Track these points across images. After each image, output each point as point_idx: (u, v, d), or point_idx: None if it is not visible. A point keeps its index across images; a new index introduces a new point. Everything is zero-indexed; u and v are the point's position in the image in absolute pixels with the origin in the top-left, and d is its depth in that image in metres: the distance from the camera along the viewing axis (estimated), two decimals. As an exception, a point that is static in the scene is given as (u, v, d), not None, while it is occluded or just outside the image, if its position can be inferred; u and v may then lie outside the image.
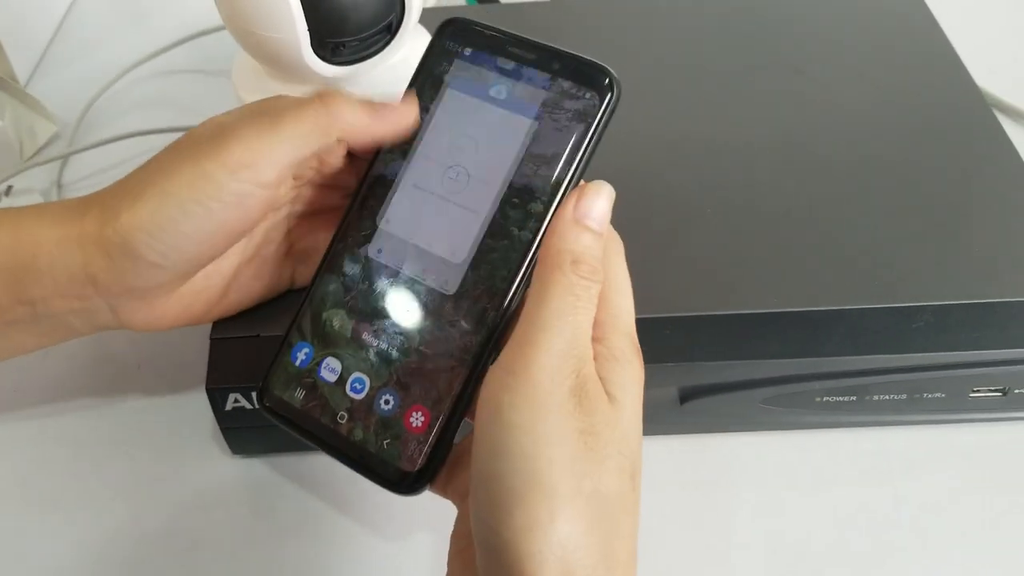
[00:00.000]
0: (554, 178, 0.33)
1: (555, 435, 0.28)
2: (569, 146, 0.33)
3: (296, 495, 0.42)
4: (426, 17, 0.46)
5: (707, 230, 0.43)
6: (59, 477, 0.43)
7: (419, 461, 0.32)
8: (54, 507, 0.42)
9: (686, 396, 0.40)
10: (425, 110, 0.35)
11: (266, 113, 0.34)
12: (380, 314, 0.34)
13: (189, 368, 0.45)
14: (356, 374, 0.34)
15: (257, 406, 0.35)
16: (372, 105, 0.35)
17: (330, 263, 0.35)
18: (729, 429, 0.43)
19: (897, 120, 0.48)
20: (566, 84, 0.34)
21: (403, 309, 0.34)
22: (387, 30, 0.43)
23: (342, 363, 0.34)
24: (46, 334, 0.37)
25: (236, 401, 0.39)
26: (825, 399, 0.40)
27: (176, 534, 0.41)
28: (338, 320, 0.34)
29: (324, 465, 0.43)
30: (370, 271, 0.34)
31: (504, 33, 0.35)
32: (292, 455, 0.43)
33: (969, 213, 0.43)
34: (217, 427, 0.41)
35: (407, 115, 0.35)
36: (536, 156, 0.33)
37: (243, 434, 0.41)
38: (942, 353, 0.39)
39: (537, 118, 0.34)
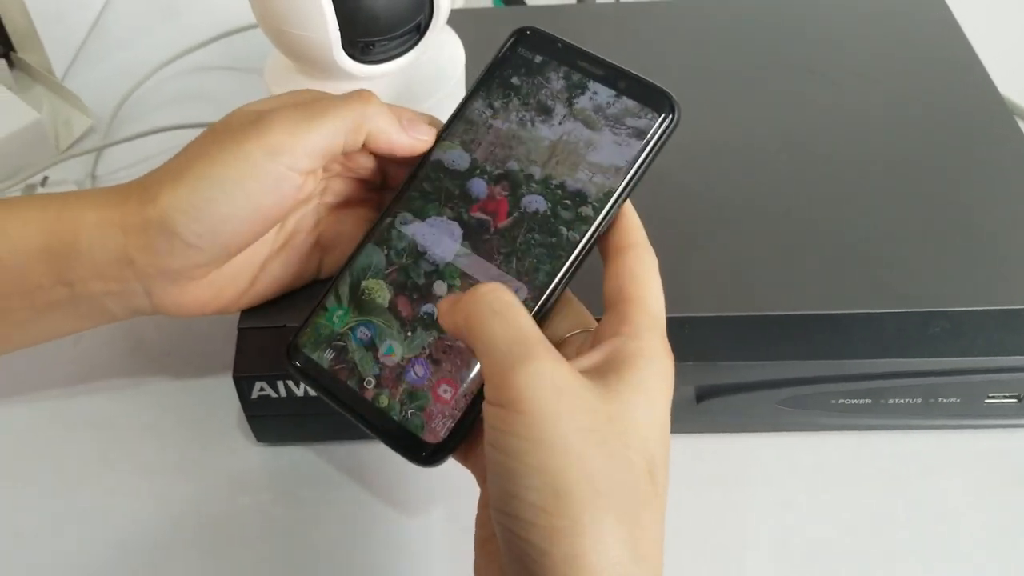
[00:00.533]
0: (607, 189, 0.34)
1: (561, 438, 0.27)
2: (626, 160, 0.35)
3: (319, 483, 0.43)
4: (454, 17, 0.47)
5: (728, 231, 0.43)
6: (89, 458, 0.44)
7: (442, 433, 0.33)
8: (83, 488, 0.43)
9: (703, 395, 0.41)
10: (491, 109, 0.37)
11: (305, 104, 0.36)
12: (420, 289, 0.35)
13: (216, 356, 0.46)
14: (389, 342, 0.35)
15: (284, 364, 0.36)
16: (400, 117, 0.37)
17: (376, 234, 0.37)
18: (745, 429, 0.43)
19: (917, 124, 0.48)
20: (630, 103, 0.35)
21: (443, 287, 0.35)
22: (416, 30, 0.44)
23: (376, 330, 0.35)
24: (83, 317, 0.38)
25: (262, 389, 0.40)
26: (841, 401, 0.41)
27: (200, 519, 0.42)
28: (377, 289, 0.36)
29: (348, 454, 0.44)
30: (415, 247, 0.36)
31: (575, 47, 0.37)
32: (316, 445, 0.44)
33: (988, 219, 0.43)
34: (243, 415, 0.42)
35: (425, 142, 0.37)
36: (594, 165, 0.35)
37: (268, 422, 0.42)
38: (958, 358, 0.39)
39: (599, 130, 0.35)
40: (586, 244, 0.34)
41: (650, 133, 0.35)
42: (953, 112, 0.49)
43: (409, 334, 0.35)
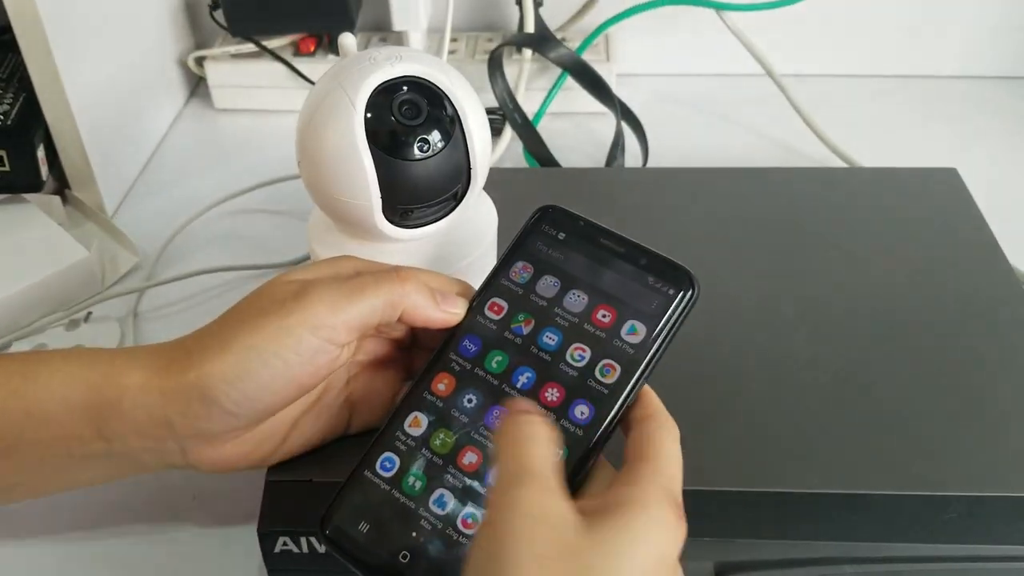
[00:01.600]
0: (632, 366, 0.36)
1: (513, 558, 0.29)
2: (649, 336, 0.36)
3: (333, 639, 0.43)
4: (487, 178, 0.49)
5: (747, 404, 0.44)
6: (109, 603, 0.44)
7: None
8: (101, 633, 0.43)
9: (721, 571, 0.41)
10: (517, 284, 0.39)
11: (346, 280, 0.38)
12: (454, 461, 0.36)
13: (241, 503, 0.47)
14: (425, 514, 0.35)
15: (318, 535, 0.36)
16: (434, 292, 0.39)
17: (409, 406, 0.38)
18: (762, 605, 0.43)
19: (935, 302, 0.49)
20: (651, 279, 0.37)
21: (478, 459, 0.36)
22: (453, 198, 0.46)
23: (412, 502, 0.36)
24: (118, 468, 0.40)
25: (285, 544, 0.41)
26: (857, 583, 0.41)
27: (215, 670, 0.42)
28: (413, 461, 0.36)
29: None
30: (446, 420, 0.37)
31: (596, 225, 0.39)
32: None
33: (1005, 402, 0.44)
34: (263, 566, 0.43)
35: (457, 315, 0.39)
36: (618, 340, 0.37)
37: (289, 577, 0.43)
38: (975, 545, 0.39)
39: (622, 306, 0.37)
40: (613, 419, 0.36)
41: (671, 309, 0.37)
42: (971, 291, 0.50)
43: (442, 508, 0.35)
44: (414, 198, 0.45)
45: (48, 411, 0.38)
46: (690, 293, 0.37)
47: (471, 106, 0.45)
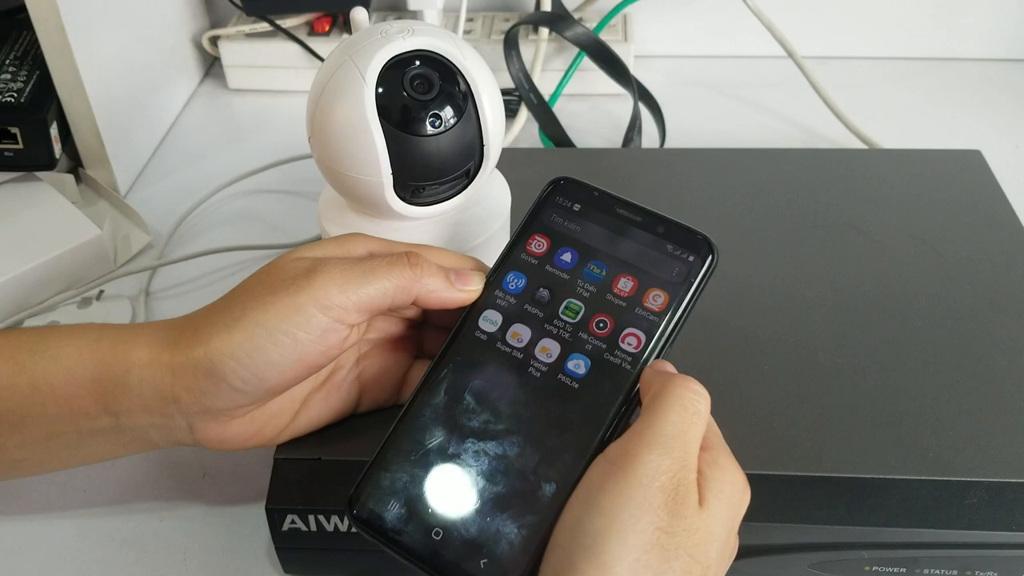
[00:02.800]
0: (654, 333, 0.36)
1: (633, 524, 0.30)
2: (670, 304, 0.36)
3: (342, 619, 0.43)
4: (501, 157, 0.48)
5: (765, 386, 0.43)
6: (118, 580, 0.44)
7: None
8: (110, 610, 0.43)
9: (736, 555, 0.40)
10: (533, 257, 0.39)
11: (357, 261, 0.37)
12: (479, 437, 0.36)
13: (249, 481, 0.47)
14: (454, 492, 0.35)
15: (346, 516, 0.36)
16: (448, 272, 0.38)
17: (431, 384, 0.37)
18: (777, 590, 0.43)
19: (957, 286, 0.48)
20: (669, 247, 0.37)
21: (503, 434, 0.35)
22: (465, 175, 0.45)
23: (440, 480, 0.35)
24: (125, 444, 0.39)
25: (293, 522, 0.41)
26: (875, 569, 0.40)
27: (223, 649, 0.42)
28: (436, 439, 0.36)
29: (372, 591, 0.44)
30: (469, 396, 0.36)
31: (611, 195, 0.39)
32: (341, 578, 0.44)
33: (1028, 388, 0.43)
34: (272, 544, 0.43)
35: (474, 292, 0.39)
36: (639, 309, 0.36)
37: (297, 555, 0.43)
38: (995, 532, 0.38)
39: (641, 275, 0.37)
40: (634, 383, 0.35)
41: (691, 277, 0.36)
42: (994, 277, 0.49)
43: (474, 483, 0.35)
44: (425, 175, 0.44)
45: (54, 385, 0.38)
46: (710, 259, 0.37)
47: (484, 82, 0.44)
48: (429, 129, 0.43)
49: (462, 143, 0.44)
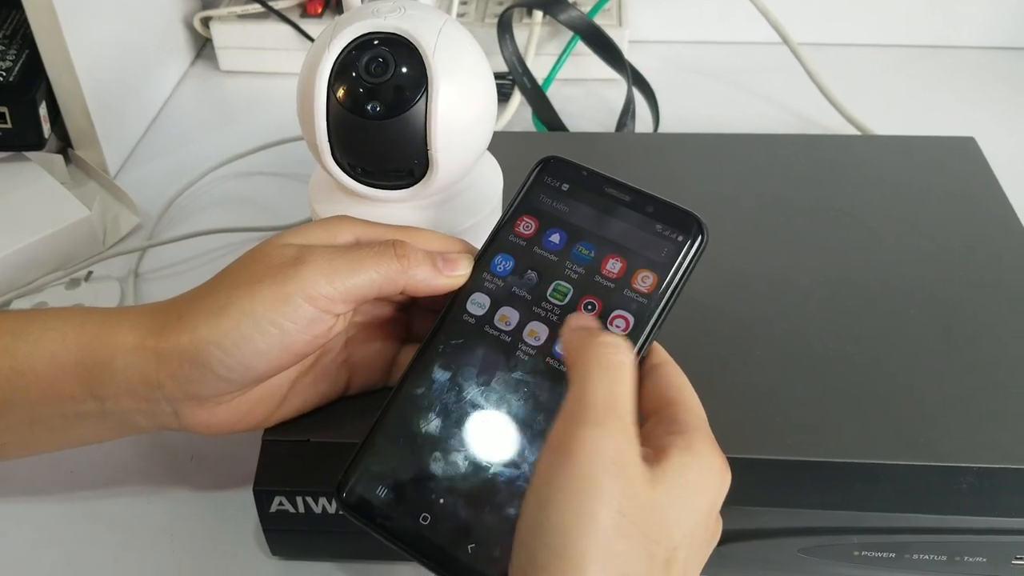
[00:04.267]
0: (645, 313, 0.35)
1: (590, 515, 0.28)
2: (661, 284, 0.36)
3: (330, 602, 0.43)
4: (494, 140, 0.48)
5: (757, 370, 0.43)
6: (102, 561, 0.44)
7: (506, 567, 0.32)
8: (96, 592, 0.43)
9: (724, 539, 0.40)
10: (521, 238, 0.38)
11: (344, 251, 0.37)
12: (469, 418, 0.35)
13: (238, 463, 0.47)
14: (444, 476, 0.34)
15: (334, 500, 0.36)
16: (436, 258, 0.38)
17: (421, 365, 0.37)
18: (766, 575, 0.42)
19: (950, 272, 0.48)
20: (659, 227, 0.36)
21: (494, 415, 0.35)
22: (409, 174, 0.44)
23: (430, 464, 0.35)
24: (111, 429, 0.39)
25: (281, 504, 0.40)
26: (864, 554, 0.40)
27: (209, 630, 0.42)
28: (426, 421, 0.36)
29: (361, 573, 0.43)
30: (460, 377, 0.36)
31: (600, 174, 0.38)
32: (330, 563, 0.44)
33: (1020, 374, 0.43)
34: (259, 526, 0.42)
35: (462, 277, 0.38)
36: (629, 289, 0.36)
37: (284, 537, 0.42)
38: (985, 517, 0.38)
39: (631, 255, 0.36)
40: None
41: (682, 256, 0.36)
42: (987, 264, 0.49)
43: (462, 468, 0.34)
44: (361, 158, 0.43)
45: (37, 370, 0.37)
46: (700, 239, 0.36)
47: (453, 81, 0.42)
48: (367, 112, 0.41)
49: (399, 139, 0.42)
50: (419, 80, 0.41)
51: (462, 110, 0.42)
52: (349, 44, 0.42)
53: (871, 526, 0.39)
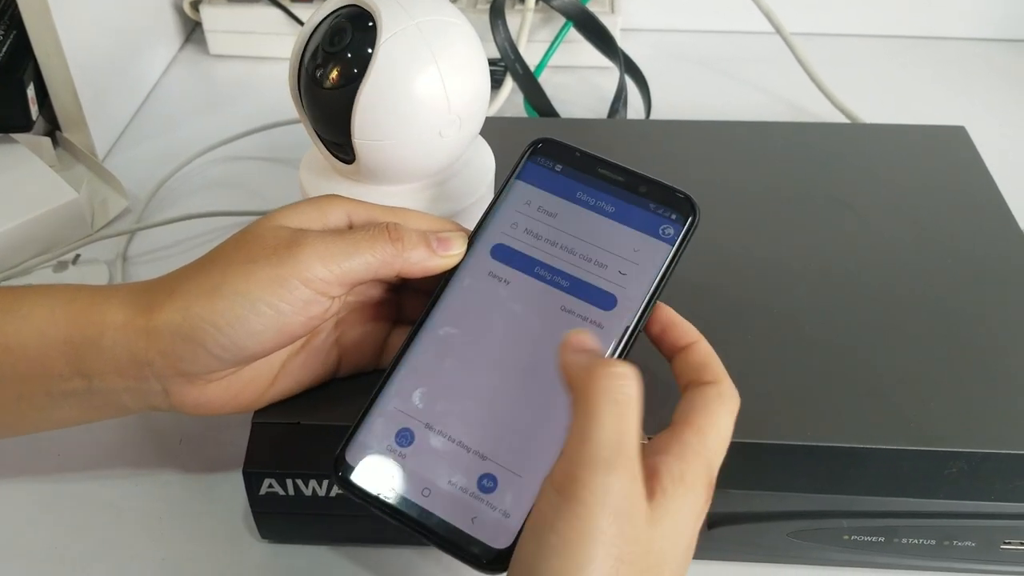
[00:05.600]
0: (638, 293, 0.36)
1: (589, 563, 0.28)
2: (654, 263, 0.36)
3: (319, 584, 0.43)
4: (486, 125, 0.48)
5: (747, 354, 0.43)
6: (90, 543, 0.44)
7: (506, 540, 0.32)
8: (81, 574, 0.43)
9: (715, 522, 0.40)
10: (514, 218, 0.38)
11: (339, 235, 0.37)
12: (468, 393, 0.35)
13: (227, 447, 0.47)
14: (443, 450, 0.34)
15: (331, 478, 0.36)
16: (430, 239, 0.38)
17: (418, 341, 0.37)
18: (756, 559, 0.42)
19: (941, 261, 0.48)
20: (651, 206, 0.37)
21: (492, 391, 0.35)
22: (348, 149, 0.44)
23: (431, 438, 0.35)
24: (98, 408, 0.39)
25: (270, 486, 0.40)
26: (853, 538, 0.40)
27: (198, 613, 0.41)
28: (424, 397, 0.35)
29: (351, 557, 0.43)
30: (456, 353, 0.36)
31: (592, 155, 0.38)
32: (320, 546, 0.44)
33: (1009, 359, 0.43)
34: (249, 510, 0.42)
35: (457, 256, 0.38)
36: (622, 269, 0.36)
37: (274, 520, 0.42)
38: (974, 502, 0.38)
39: (623, 235, 0.37)
40: (623, 348, 0.35)
41: (673, 234, 0.36)
42: (976, 251, 0.49)
43: (461, 441, 0.34)
44: (326, 130, 0.44)
45: (26, 345, 0.37)
46: (692, 218, 0.36)
47: (401, 57, 0.41)
48: (320, 82, 0.42)
49: (335, 111, 0.42)
50: (369, 51, 0.41)
51: (403, 84, 0.41)
52: (331, 14, 0.43)
53: (860, 510, 0.39)
